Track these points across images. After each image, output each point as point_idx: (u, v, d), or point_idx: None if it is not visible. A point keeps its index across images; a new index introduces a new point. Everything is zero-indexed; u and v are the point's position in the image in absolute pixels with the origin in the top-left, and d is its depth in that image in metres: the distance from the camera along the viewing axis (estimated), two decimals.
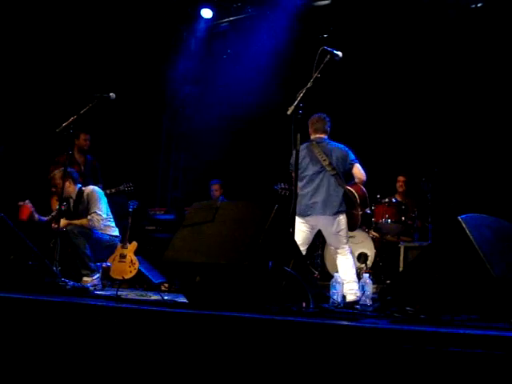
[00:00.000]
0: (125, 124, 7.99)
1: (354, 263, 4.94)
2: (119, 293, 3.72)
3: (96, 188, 5.61)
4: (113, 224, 5.63)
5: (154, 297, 4.05)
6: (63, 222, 5.26)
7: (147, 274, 6.17)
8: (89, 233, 5.31)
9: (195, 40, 9.09)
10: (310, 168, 4.85)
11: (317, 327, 2.17)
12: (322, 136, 4.98)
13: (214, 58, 8.84)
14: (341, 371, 2.00)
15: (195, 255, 2.98)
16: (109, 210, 5.61)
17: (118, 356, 2.40)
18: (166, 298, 3.73)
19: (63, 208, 5.43)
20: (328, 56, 3.73)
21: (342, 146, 4.95)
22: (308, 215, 4.75)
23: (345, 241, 4.80)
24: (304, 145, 4.87)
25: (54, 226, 5.25)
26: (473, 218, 2.94)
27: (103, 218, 5.44)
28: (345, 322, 2.36)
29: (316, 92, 3.63)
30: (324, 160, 4.80)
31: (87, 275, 5.20)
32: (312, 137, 5.02)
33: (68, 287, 3.67)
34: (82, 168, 6.38)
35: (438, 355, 1.90)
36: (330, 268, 6.20)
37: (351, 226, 4.88)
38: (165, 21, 8.51)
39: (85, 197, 5.49)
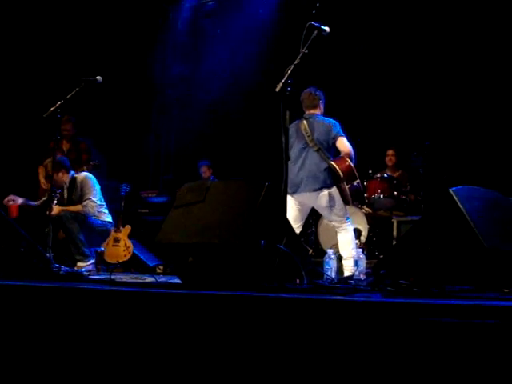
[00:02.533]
0: (114, 107, 7.92)
1: (354, 238, 4.96)
2: (113, 276, 3.70)
3: (89, 174, 5.61)
4: (106, 210, 5.66)
5: (149, 279, 4.05)
6: (57, 208, 5.26)
7: (142, 257, 6.17)
8: (82, 218, 5.32)
9: (182, 20, 8.99)
10: (296, 145, 4.82)
11: (311, 303, 2.17)
12: (313, 112, 4.92)
13: (202, 37, 8.75)
14: (335, 346, 2.01)
15: (187, 236, 2.97)
16: (102, 196, 5.61)
17: (113, 339, 2.41)
18: (160, 279, 3.73)
19: (58, 197, 5.41)
20: (315, 31, 3.67)
21: (329, 120, 4.87)
22: (295, 192, 4.74)
23: (341, 213, 4.77)
24: (295, 122, 4.83)
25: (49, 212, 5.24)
26: (464, 189, 2.95)
27: (97, 204, 5.47)
28: (339, 297, 2.36)
29: (305, 67, 3.59)
30: (308, 136, 4.77)
31: (81, 260, 5.22)
32: (305, 113, 4.97)
33: (61, 273, 3.66)
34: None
35: (432, 327, 1.91)
36: (323, 245, 6.22)
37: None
38: (151, 0, 8.41)
39: (78, 184, 5.50)
